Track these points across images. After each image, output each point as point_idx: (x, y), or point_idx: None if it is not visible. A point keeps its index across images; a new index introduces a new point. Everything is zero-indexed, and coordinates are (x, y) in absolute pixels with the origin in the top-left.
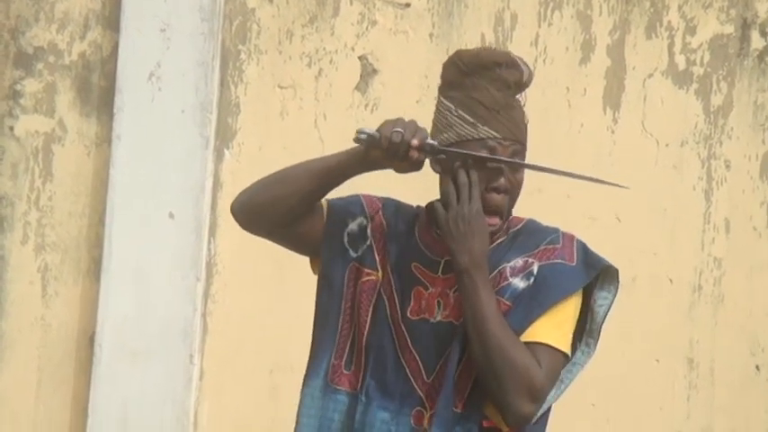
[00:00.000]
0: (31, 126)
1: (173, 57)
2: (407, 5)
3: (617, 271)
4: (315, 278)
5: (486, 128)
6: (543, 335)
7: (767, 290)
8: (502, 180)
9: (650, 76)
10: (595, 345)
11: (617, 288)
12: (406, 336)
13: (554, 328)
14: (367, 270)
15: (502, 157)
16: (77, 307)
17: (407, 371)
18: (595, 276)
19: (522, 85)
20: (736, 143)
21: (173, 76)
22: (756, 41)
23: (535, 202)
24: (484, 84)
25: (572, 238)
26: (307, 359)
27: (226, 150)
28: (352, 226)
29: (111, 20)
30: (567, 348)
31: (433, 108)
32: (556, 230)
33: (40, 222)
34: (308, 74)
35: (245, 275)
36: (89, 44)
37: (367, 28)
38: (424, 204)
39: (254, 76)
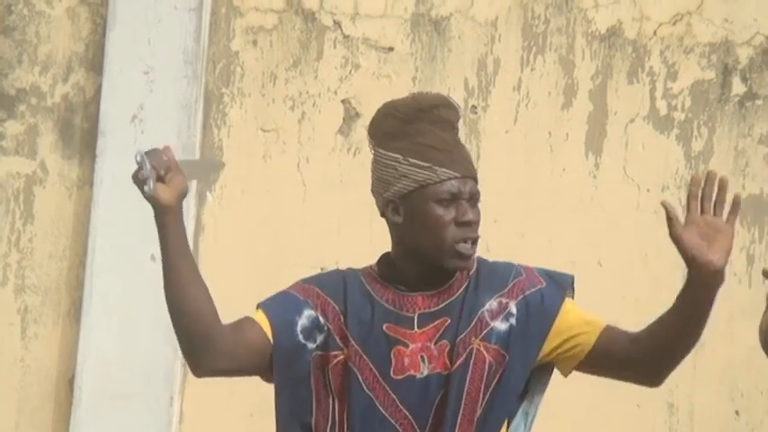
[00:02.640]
0: (12, 168)
1: (156, 99)
2: (391, 49)
3: (573, 278)
4: None
5: (444, 169)
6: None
7: (747, 336)
8: (470, 214)
9: (632, 121)
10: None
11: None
12: (393, 396)
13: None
14: (333, 353)
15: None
16: (57, 349)
17: (400, 431)
18: None
19: (457, 124)
20: None
21: (156, 118)
22: (737, 87)
23: (517, 246)
24: (428, 127)
25: (528, 266)
26: None
27: (208, 193)
28: (302, 321)
29: (95, 62)
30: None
31: None
32: (512, 264)
33: (20, 264)
34: (291, 117)
35: (226, 318)
36: (72, 86)
37: (350, 72)
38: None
39: (237, 119)
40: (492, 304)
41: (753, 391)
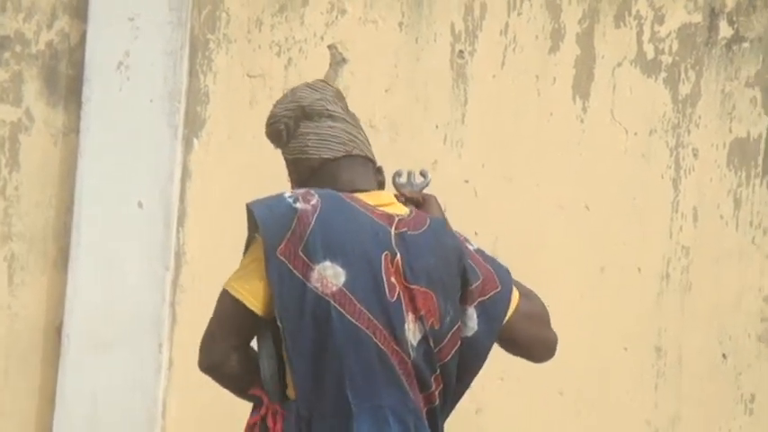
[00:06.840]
0: None
1: (141, 46)
2: None
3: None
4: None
5: None
6: None
7: (734, 278)
8: None
9: (619, 64)
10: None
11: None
12: None
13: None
14: None
15: None
16: (44, 297)
17: None
18: None
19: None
20: (703, 132)
21: (141, 65)
22: (724, 30)
23: (505, 190)
24: None
25: None
26: None
27: (195, 139)
28: None
29: (79, 9)
30: (231, 288)
31: (402, 96)
32: None
33: (7, 212)
34: (278, 63)
35: (214, 265)
36: (56, 33)
37: (336, 17)
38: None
39: (223, 66)
40: None
41: (741, 334)
